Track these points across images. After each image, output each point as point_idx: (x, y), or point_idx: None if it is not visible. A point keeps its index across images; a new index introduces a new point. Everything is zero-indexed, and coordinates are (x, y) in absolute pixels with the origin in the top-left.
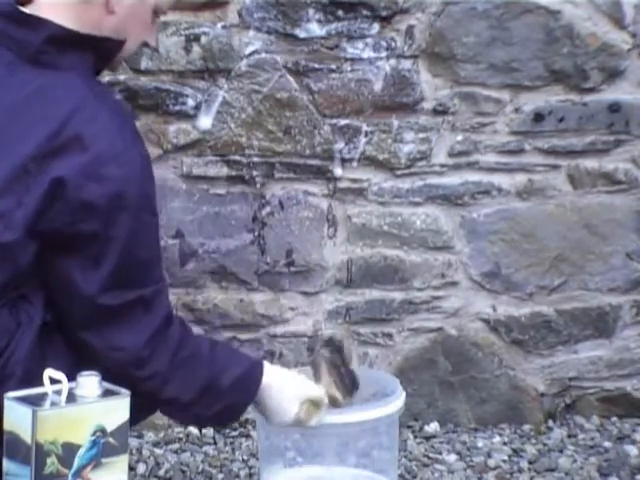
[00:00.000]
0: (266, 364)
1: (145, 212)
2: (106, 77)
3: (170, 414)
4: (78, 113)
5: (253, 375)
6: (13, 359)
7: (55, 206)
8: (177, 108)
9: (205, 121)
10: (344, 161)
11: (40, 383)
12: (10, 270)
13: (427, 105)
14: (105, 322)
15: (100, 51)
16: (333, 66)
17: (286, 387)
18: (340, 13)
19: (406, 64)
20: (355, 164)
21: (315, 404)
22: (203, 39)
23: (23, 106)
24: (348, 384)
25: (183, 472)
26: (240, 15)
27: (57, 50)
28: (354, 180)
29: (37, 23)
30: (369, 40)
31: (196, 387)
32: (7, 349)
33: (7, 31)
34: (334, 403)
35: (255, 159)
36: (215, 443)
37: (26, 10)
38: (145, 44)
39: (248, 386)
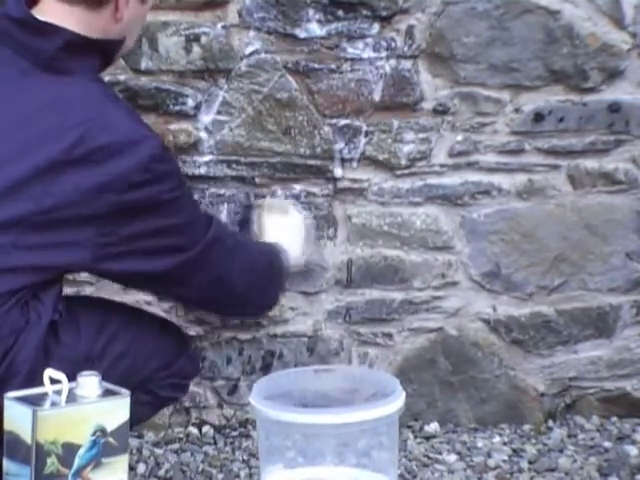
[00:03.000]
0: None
1: (180, 185)
2: (106, 77)
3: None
4: (99, 119)
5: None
6: (19, 358)
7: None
8: (177, 108)
9: (205, 121)
10: (344, 161)
11: (43, 382)
12: (27, 274)
13: (427, 105)
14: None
15: (105, 53)
16: (333, 66)
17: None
18: (340, 13)
19: (406, 64)
20: (355, 164)
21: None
22: (203, 39)
23: (39, 113)
24: None
25: (183, 472)
26: (240, 15)
27: (70, 56)
28: (354, 180)
29: (52, 31)
30: (369, 40)
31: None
32: (14, 347)
33: (22, 39)
34: None
35: (255, 159)
36: (215, 443)
37: (39, 16)
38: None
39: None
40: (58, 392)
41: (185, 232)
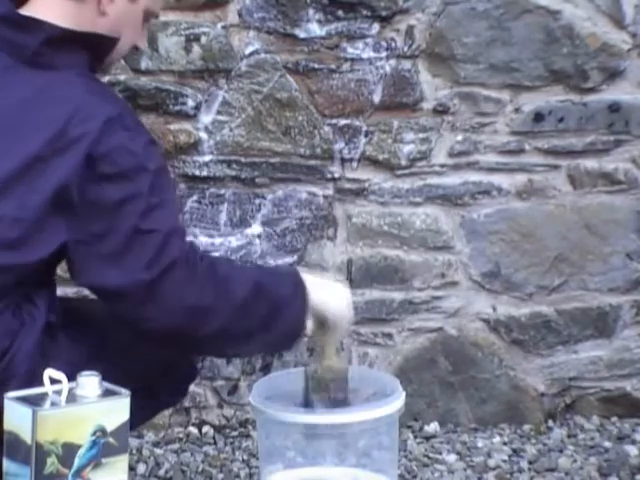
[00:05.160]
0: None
1: (159, 191)
2: (106, 77)
3: (245, 349)
4: (80, 111)
5: (301, 280)
6: (16, 359)
7: (68, 207)
8: (177, 108)
9: (205, 121)
10: (344, 161)
11: (42, 383)
12: (13, 272)
13: (427, 105)
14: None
15: (95, 49)
16: (333, 66)
17: (324, 284)
18: (340, 13)
19: (406, 64)
20: (355, 164)
21: None
22: (203, 39)
23: (23, 108)
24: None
25: (183, 472)
26: (240, 15)
27: (54, 51)
28: (354, 180)
29: (34, 25)
30: (369, 40)
31: (260, 315)
32: (10, 349)
33: (4, 34)
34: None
35: (255, 159)
36: (215, 443)
37: (26, 11)
38: (135, 47)
39: (302, 293)
40: (58, 392)
41: (158, 243)
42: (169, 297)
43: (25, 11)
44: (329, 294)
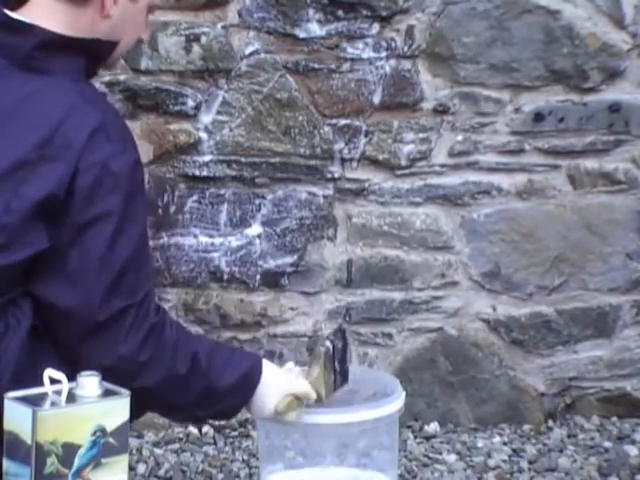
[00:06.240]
0: (264, 364)
1: (130, 219)
2: (106, 77)
3: (169, 416)
4: (69, 119)
5: (250, 378)
6: (1, 363)
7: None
8: (177, 108)
9: (205, 121)
10: (344, 161)
11: (30, 387)
12: None
13: (427, 105)
14: (98, 333)
15: (92, 54)
16: (333, 66)
17: (271, 383)
18: (340, 13)
19: (406, 64)
20: (355, 164)
21: (298, 399)
22: (203, 39)
23: (13, 112)
24: (337, 380)
25: (183, 472)
26: (240, 15)
27: (47, 55)
28: (354, 180)
29: (26, 29)
30: (369, 40)
31: (193, 393)
32: None
33: None
34: (316, 399)
35: (255, 159)
36: (215, 443)
37: (15, 15)
38: (139, 40)
39: (245, 389)
40: (58, 392)
41: (115, 276)
42: (109, 339)
43: (19, 14)
44: (272, 401)
